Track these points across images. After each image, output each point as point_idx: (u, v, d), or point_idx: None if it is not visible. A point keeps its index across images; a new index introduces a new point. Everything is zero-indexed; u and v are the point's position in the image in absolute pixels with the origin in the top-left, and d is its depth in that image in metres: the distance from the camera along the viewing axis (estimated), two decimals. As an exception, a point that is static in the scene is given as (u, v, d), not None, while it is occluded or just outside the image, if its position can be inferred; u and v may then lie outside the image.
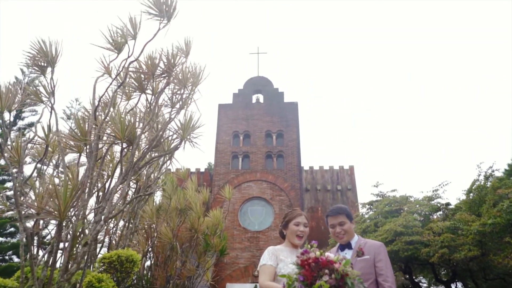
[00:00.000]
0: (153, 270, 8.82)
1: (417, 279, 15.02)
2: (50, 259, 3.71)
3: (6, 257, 18.45)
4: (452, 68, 67.32)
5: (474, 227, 8.95)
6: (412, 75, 70.36)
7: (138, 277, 7.99)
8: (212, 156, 21.30)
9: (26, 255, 3.90)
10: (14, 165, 4.26)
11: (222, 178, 20.16)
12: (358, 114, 70.75)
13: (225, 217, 11.32)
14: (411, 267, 12.59)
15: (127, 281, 5.35)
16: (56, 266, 3.87)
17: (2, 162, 4.63)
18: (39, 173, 5.05)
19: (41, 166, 4.71)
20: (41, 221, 5.05)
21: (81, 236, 3.60)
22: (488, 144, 62.48)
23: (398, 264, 12.05)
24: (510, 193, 8.78)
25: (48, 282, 3.31)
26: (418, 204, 11.89)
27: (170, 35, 4.56)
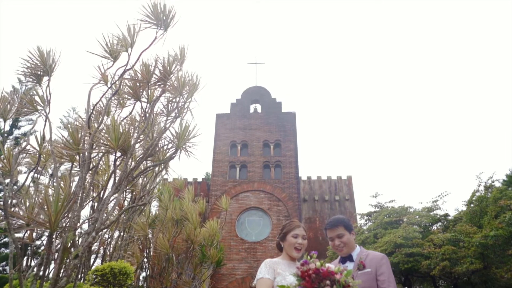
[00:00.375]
0: (148, 282, 8.66)
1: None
2: (41, 271, 3.59)
3: (0, 268, 18.18)
4: (451, 78, 67.69)
5: (476, 239, 8.76)
6: (412, 86, 70.68)
7: (133, 290, 7.82)
8: (210, 166, 21.19)
9: (17, 267, 3.78)
10: (6, 175, 4.16)
11: (220, 188, 20.02)
12: (356, 124, 70.86)
13: (222, 228, 11.19)
14: (411, 280, 12.40)
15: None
16: (49, 278, 3.75)
17: None
18: (34, 183, 4.94)
19: (34, 176, 4.61)
20: (34, 232, 4.93)
21: (72, 248, 3.49)
22: (486, 154, 62.54)
23: (398, 277, 11.85)
24: None
25: (37, 296, 3.19)
26: (418, 215, 11.72)
27: (168, 44, 4.50)
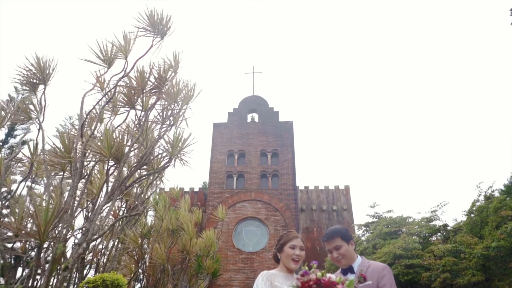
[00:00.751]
0: (143, 294, 8.49)
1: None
2: (29, 283, 3.47)
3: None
4: (447, 87, 68.01)
5: (478, 251, 8.60)
6: (409, 94, 70.97)
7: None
8: (207, 175, 21.07)
9: (5, 279, 3.66)
10: (-3, 184, 4.04)
11: (216, 198, 19.88)
12: (354, 134, 70.95)
13: (219, 238, 11.05)
14: (411, 293, 12.22)
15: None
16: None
17: None
18: (29, 192, 4.83)
19: (29, 185, 4.51)
20: (29, 242, 4.80)
21: (62, 259, 3.38)
22: (485, 163, 62.53)
23: (398, 289, 11.67)
24: None
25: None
26: (417, 225, 11.58)
27: (164, 52, 4.43)
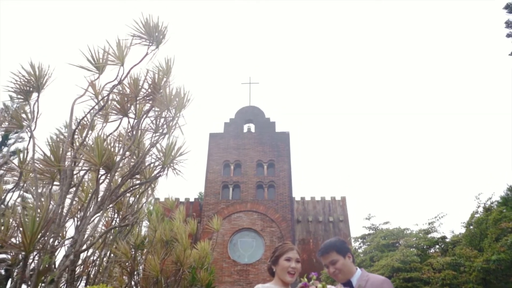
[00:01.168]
0: (135, 307, 8.31)
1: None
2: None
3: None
4: (443, 96, 68.39)
5: (478, 264, 8.48)
6: (404, 104, 71.30)
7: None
8: (203, 186, 20.94)
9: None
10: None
11: (212, 209, 19.71)
12: (350, 144, 71.02)
13: (213, 249, 10.90)
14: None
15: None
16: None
17: None
18: (16, 201, 4.71)
19: (12, 195, 4.39)
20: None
21: (49, 272, 3.25)
22: (482, 173, 62.57)
23: (396, 304, 11.49)
24: None
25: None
26: (415, 237, 11.45)
27: (159, 61, 4.36)
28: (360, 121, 69.64)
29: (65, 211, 3.64)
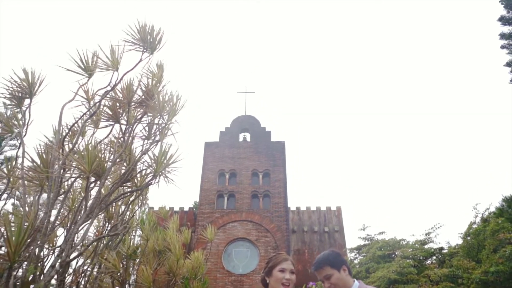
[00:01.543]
0: (126, 319, 8.11)
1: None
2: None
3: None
4: (438, 104, 68.70)
5: (476, 276, 8.37)
6: (400, 114, 71.56)
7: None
8: (198, 195, 20.80)
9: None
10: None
11: (207, 218, 19.55)
12: (346, 154, 71.06)
13: (207, 259, 10.74)
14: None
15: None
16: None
17: None
18: (15, 209, 4.60)
19: (14, 203, 4.30)
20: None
21: (34, 283, 3.14)
22: (479, 183, 62.59)
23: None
24: None
25: None
26: (411, 248, 11.35)
27: (153, 67, 4.28)
28: (356, 131, 69.83)
29: (53, 220, 3.53)
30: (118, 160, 3.66)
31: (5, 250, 3.00)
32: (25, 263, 3.43)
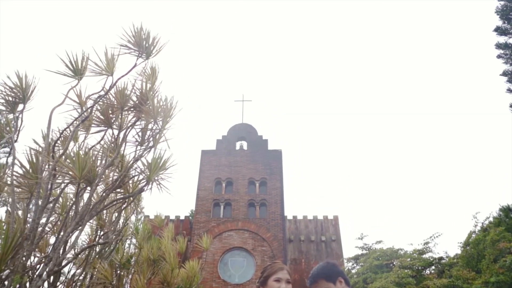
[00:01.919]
0: (119, 329, 7.94)
1: None
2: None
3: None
4: (435, 111, 68.93)
5: (476, 286, 8.23)
6: (396, 122, 71.78)
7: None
8: (194, 203, 20.65)
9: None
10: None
11: (203, 227, 19.38)
12: (342, 163, 71.04)
13: (202, 269, 10.57)
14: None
15: None
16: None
17: None
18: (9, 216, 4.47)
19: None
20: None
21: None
22: (477, 191, 62.50)
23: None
24: None
25: None
26: (410, 258, 11.21)
27: (148, 71, 4.20)
28: (354, 139, 69.93)
29: (41, 227, 3.42)
30: (111, 167, 3.56)
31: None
32: (9, 273, 3.32)
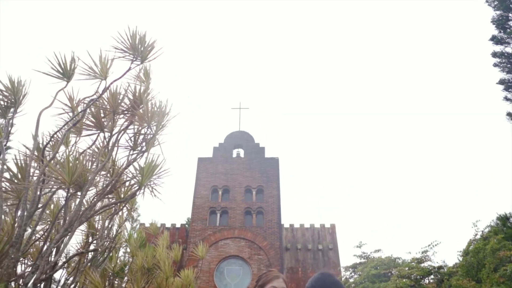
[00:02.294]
0: None
1: None
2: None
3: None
4: (432, 119, 69.05)
5: None
6: (393, 130, 71.88)
7: None
8: (190, 211, 20.48)
9: None
10: None
11: (199, 235, 19.19)
12: (340, 171, 70.90)
13: (198, 277, 10.40)
14: None
15: None
16: None
17: None
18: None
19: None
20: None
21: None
22: (476, 198, 62.28)
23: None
24: None
25: None
26: (408, 267, 11.05)
27: (143, 75, 4.11)
28: (351, 145, 69.92)
29: (29, 234, 3.31)
30: (103, 172, 3.46)
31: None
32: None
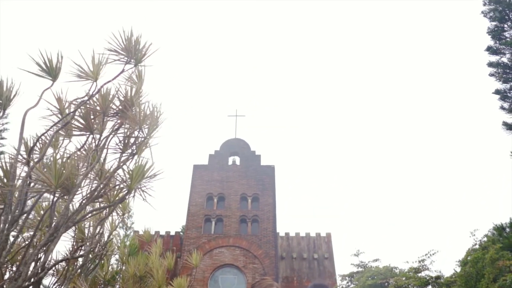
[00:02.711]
0: None
1: None
2: None
3: None
4: (429, 126, 69.16)
5: None
6: (390, 137, 71.93)
7: None
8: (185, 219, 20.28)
9: None
10: None
11: (193, 243, 18.98)
12: (336, 179, 70.76)
13: (191, 286, 10.22)
14: None
15: None
16: None
17: None
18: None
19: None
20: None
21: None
22: (474, 206, 62.04)
23: None
24: None
25: None
26: (405, 277, 10.89)
27: (135, 77, 4.00)
28: (347, 154, 69.85)
29: (13, 239, 3.18)
30: (92, 175, 3.34)
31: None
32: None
